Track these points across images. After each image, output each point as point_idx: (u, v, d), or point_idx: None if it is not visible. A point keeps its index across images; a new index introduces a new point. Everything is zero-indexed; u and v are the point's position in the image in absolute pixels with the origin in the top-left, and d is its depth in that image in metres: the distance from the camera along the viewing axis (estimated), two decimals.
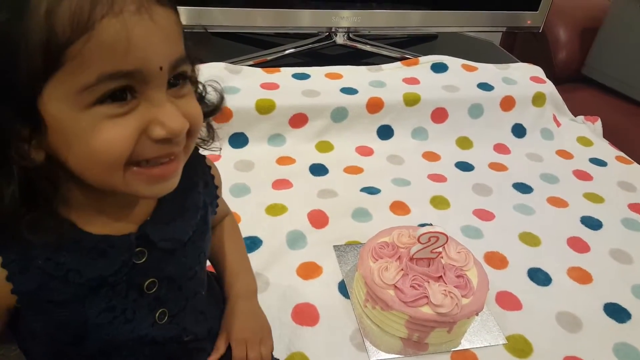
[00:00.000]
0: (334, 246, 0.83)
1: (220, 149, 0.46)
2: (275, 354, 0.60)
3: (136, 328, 0.39)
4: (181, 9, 0.37)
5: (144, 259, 0.38)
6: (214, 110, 0.43)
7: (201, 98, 0.41)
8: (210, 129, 0.44)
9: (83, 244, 0.35)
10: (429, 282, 0.66)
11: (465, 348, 0.68)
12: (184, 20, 0.34)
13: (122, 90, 0.30)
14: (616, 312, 0.75)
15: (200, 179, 0.45)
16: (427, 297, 0.64)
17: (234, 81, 1.08)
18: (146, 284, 0.39)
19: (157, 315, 0.41)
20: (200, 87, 0.41)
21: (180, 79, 0.33)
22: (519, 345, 0.69)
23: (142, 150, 0.31)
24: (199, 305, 0.47)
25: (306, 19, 1.22)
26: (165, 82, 0.32)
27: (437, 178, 1.04)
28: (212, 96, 0.43)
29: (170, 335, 0.42)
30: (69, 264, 0.35)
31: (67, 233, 0.35)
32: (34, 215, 0.32)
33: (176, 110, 0.32)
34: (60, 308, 0.36)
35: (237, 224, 0.61)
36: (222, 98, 0.44)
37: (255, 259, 0.77)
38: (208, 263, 0.52)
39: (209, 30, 1.20)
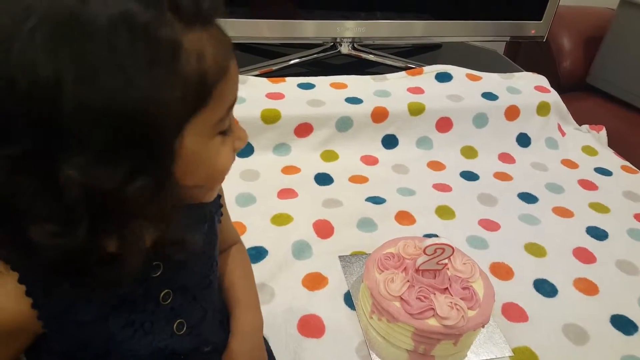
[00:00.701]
0: (340, 256, 0.83)
1: None
2: None
3: (155, 340, 0.40)
4: None
5: (159, 273, 0.39)
6: None
7: None
8: None
9: None
10: (435, 293, 0.66)
11: None
12: None
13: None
14: (623, 325, 0.75)
15: None
16: (433, 309, 0.64)
17: (239, 91, 1.07)
18: (162, 295, 0.40)
19: (175, 326, 0.41)
20: None
21: None
22: (525, 357, 0.69)
23: None
24: (219, 315, 0.47)
25: (311, 29, 1.23)
26: None
27: (442, 187, 1.04)
28: None
29: (190, 347, 0.43)
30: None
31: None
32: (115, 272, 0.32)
33: (239, 124, 0.37)
34: (85, 328, 0.36)
35: (247, 254, 0.60)
36: None
37: (260, 269, 0.78)
38: None
39: None
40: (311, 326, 0.70)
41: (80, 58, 0.26)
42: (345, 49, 1.31)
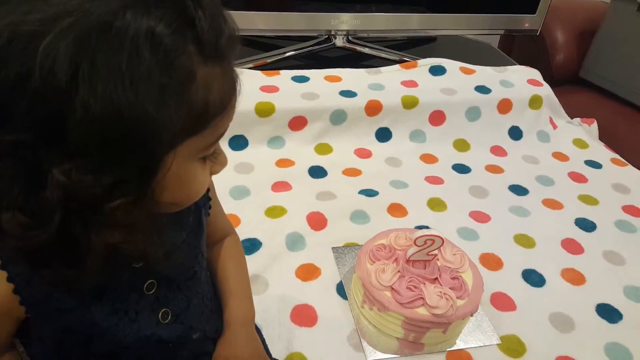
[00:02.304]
0: (333, 248, 0.84)
1: None
2: (274, 355, 0.62)
3: (141, 328, 0.41)
4: None
5: (141, 263, 0.40)
6: None
7: None
8: None
9: None
10: (424, 283, 0.68)
11: (460, 348, 0.70)
12: None
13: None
14: (608, 313, 0.77)
15: None
16: (423, 298, 0.66)
17: None
18: (145, 285, 0.41)
19: (160, 315, 0.42)
20: None
21: None
22: (512, 346, 0.71)
23: None
24: (207, 304, 0.48)
25: (306, 22, 1.24)
26: None
27: (435, 180, 1.06)
28: None
29: (177, 334, 0.44)
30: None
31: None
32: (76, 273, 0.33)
33: (221, 150, 0.39)
34: (67, 315, 0.37)
35: (241, 246, 0.60)
36: None
37: (254, 260, 0.79)
38: None
39: None
40: (304, 316, 0.72)
41: (98, 70, 0.27)
42: (339, 41, 1.32)
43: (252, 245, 0.83)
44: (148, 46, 0.27)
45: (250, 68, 1.20)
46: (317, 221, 0.90)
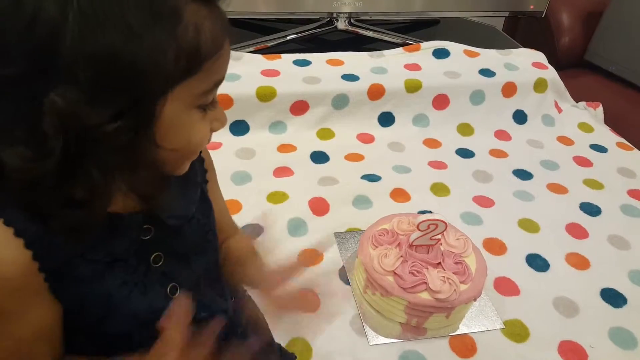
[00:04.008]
0: (335, 233, 0.84)
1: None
2: (277, 340, 0.61)
3: (152, 302, 0.41)
4: None
5: (149, 235, 0.40)
6: None
7: None
8: None
9: None
10: (427, 268, 0.67)
11: (463, 333, 0.70)
12: None
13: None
14: (612, 297, 0.77)
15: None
16: (425, 283, 0.66)
17: (234, 68, 1.08)
18: (152, 257, 0.41)
19: (168, 289, 0.42)
20: None
21: None
22: (516, 330, 0.70)
23: None
24: (214, 283, 0.48)
25: (307, 4, 1.22)
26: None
27: (438, 165, 1.05)
28: None
29: None
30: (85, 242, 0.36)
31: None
32: (80, 216, 0.33)
33: (221, 107, 0.38)
34: (83, 285, 0.37)
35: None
36: None
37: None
38: None
39: None
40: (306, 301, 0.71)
41: (87, 2, 0.28)
42: (341, 24, 1.30)
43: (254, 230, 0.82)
44: None
45: (251, 52, 1.18)
46: (319, 206, 0.89)
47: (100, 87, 0.29)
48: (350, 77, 1.13)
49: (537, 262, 0.82)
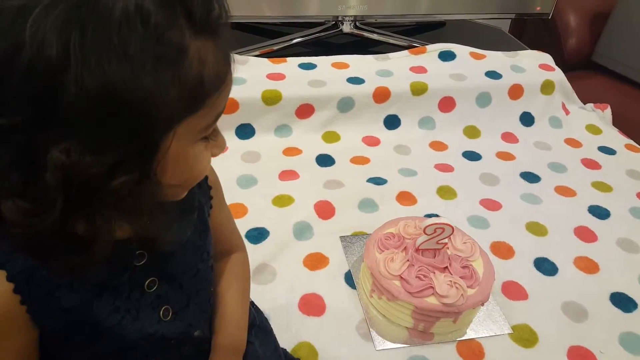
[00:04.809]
0: (341, 237, 0.83)
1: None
2: (282, 344, 0.61)
3: (144, 326, 0.40)
4: None
5: (143, 261, 0.39)
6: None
7: None
8: None
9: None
10: (434, 272, 0.67)
11: (470, 338, 0.69)
12: None
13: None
14: (622, 302, 0.76)
15: None
16: (432, 287, 0.65)
17: (240, 72, 1.08)
18: (146, 283, 0.40)
19: (161, 312, 0.42)
20: None
21: None
22: (524, 335, 0.70)
23: None
24: (205, 302, 0.47)
25: (313, 7, 1.22)
26: None
27: (444, 168, 1.04)
28: None
29: (179, 331, 0.43)
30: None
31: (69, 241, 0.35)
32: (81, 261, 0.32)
33: (221, 133, 0.37)
34: (69, 314, 0.36)
35: (248, 267, 0.57)
36: None
37: (262, 250, 0.79)
38: None
39: None
40: (312, 305, 0.71)
41: (89, 43, 0.26)
42: (347, 27, 1.29)
43: (260, 234, 0.82)
44: (139, 22, 0.27)
45: (256, 55, 1.18)
46: (324, 210, 0.89)
47: (105, 132, 0.28)
48: (355, 80, 1.13)
49: (545, 266, 0.81)
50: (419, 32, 1.47)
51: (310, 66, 1.16)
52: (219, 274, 0.52)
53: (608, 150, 1.14)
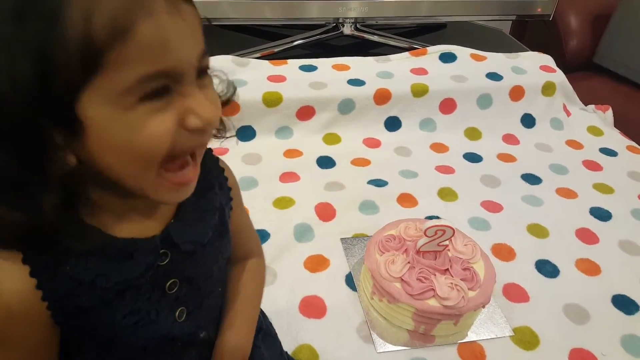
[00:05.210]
0: (341, 239, 0.83)
1: (237, 140, 0.45)
2: (283, 346, 0.61)
3: (160, 328, 0.40)
4: None
5: (166, 261, 0.39)
6: (227, 101, 0.43)
7: None
8: (221, 119, 0.44)
9: (110, 248, 0.36)
10: (435, 274, 0.66)
11: (471, 340, 0.69)
12: None
13: (160, 88, 0.30)
14: (624, 304, 0.75)
15: (215, 180, 0.45)
16: (433, 289, 0.65)
17: (241, 74, 1.08)
18: (168, 284, 0.40)
19: (177, 314, 0.41)
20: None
21: (203, 71, 0.34)
22: (525, 337, 0.69)
23: (179, 143, 0.32)
24: (214, 302, 0.47)
25: (313, 9, 1.22)
26: (194, 76, 0.32)
27: (445, 169, 1.04)
28: (219, 88, 0.43)
29: (188, 332, 0.43)
30: (97, 269, 0.35)
31: (94, 238, 0.35)
32: (61, 222, 0.32)
33: (206, 99, 0.33)
34: (87, 314, 0.36)
35: (264, 272, 0.55)
36: (234, 88, 0.44)
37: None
38: None
39: (216, 23, 1.21)
40: (313, 307, 0.71)
41: None
42: (347, 29, 1.29)
43: (260, 236, 0.81)
44: None
45: (257, 57, 1.19)
46: (325, 212, 0.89)
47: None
48: (356, 82, 1.13)
49: (546, 268, 0.81)
50: (419, 33, 1.47)
51: (311, 68, 1.16)
52: (234, 278, 0.52)
53: (609, 152, 1.14)
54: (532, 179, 1.03)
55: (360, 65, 1.19)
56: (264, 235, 0.82)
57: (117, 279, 0.36)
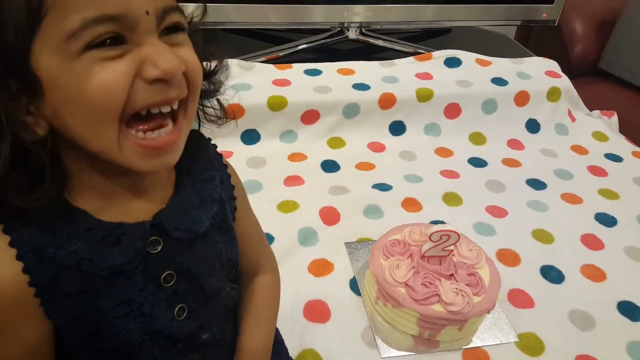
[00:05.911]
0: (346, 243, 0.83)
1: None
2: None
3: (152, 322, 0.38)
4: (193, 5, 0.38)
5: (158, 249, 0.37)
6: (214, 72, 0.42)
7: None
8: (220, 104, 0.43)
9: (95, 231, 0.35)
10: (440, 280, 0.66)
11: (476, 346, 0.68)
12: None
13: (113, 38, 0.30)
14: (630, 311, 0.75)
15: (216, 173, 0.44)
16: (438, 295, 0.65)
17: (246, 78, 1.08)
18: (163, 276, 0.38)
19: (176, 311, 0.40)
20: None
21: (174, 30, 0.33)
22: (530, 343, 0.69)
23: (139, 96, 0.31)
24: (221, 304, 0.45)
25: (318, 14, 1.22)
26: (154, 28, 0.31)
27: (450, 174, 1.04)
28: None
29: (188, 332, 0.41)
30: (81, 253, 0.34)
31: (79, 221, 0.34)
32: (38, 196, 0.31)
33: (168, 51, 0.31)
34: (74, 301, 0.35)
35: (279, 291, 0.55)
36: (221, 62, 0.42)
37: None
38: None
39: (221, 27, 1.21)
40: (317, 311, 0.71)
41: None
42: (352, 34, 1.30)
43: None
44: None
45: (262, 62, 1.19)
46: (329, 216, 0.89)
47: None
48: (361, 87, 1.13)
49: (551, 274, 0.80)
50: (424, 38, 1.47)
51: (315, 72, 1.17)
52: (249, 292, 0.50)
53: (615, 158, 1.13)
54: (537, 184, 1.03)
55: (365, 70, 1.19)
56: (267, 239, 0.82)
57: (104, 265, 0.35)
